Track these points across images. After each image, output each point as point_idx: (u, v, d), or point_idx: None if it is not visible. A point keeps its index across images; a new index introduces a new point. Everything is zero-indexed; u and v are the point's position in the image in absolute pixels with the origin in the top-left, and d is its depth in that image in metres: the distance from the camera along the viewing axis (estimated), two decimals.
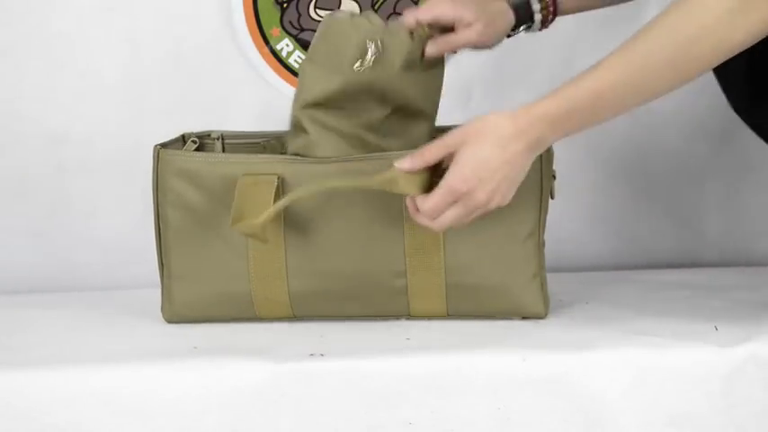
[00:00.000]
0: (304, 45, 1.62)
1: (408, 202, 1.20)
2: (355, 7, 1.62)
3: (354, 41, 1.24)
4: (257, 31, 1.61)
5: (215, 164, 1.27)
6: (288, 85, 1.62)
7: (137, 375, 1.13)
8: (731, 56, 1.12)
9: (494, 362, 1.14)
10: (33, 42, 1.59)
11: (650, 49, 1.12)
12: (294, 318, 1.29)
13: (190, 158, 1.28)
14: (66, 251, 1.62)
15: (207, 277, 1.28)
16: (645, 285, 1.47)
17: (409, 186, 1.18)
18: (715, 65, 1.13)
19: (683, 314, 1.28)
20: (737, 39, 1.11)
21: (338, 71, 1.25)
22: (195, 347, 1.20)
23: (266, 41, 1.61)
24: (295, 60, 1.62)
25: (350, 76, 1.24)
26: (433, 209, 1.17)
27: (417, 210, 1.19)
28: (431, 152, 1.18)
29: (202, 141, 1.37)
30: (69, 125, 1.61)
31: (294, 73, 1.62)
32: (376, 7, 1.61)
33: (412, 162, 1.18)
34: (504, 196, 1.17)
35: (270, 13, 1.61)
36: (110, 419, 1.11)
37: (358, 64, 1.23)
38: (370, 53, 1.24)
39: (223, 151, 1.37)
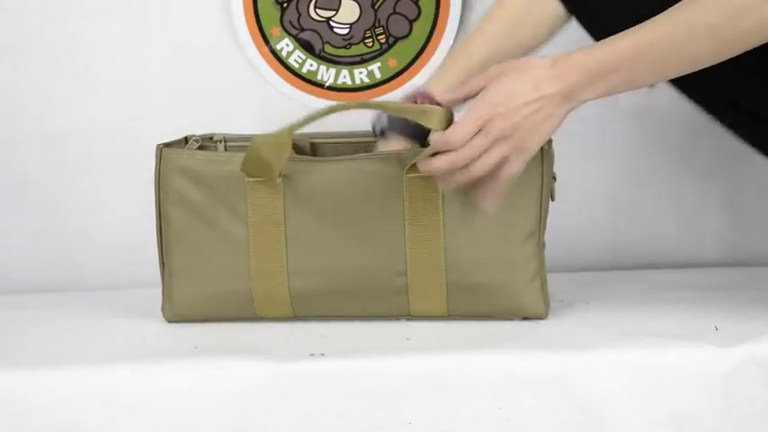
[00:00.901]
0: (304, 45, 1.62)
1: (421, 161, 1.20)
2: (355, 7, 1.61)
3: None
4: (257, 30, 1.61)
5: (217, 162, 1.27)
6: (288, 84, 1.62)
7: (137, 375, 1.13)
8: None
9: (494, 362, 1.14)
10: (33, 42, 1.59)
11: (697, 14, 1.11)
12: (294, 317, 1.29)
13: (192, 157, 1.28)
14: (66, 251, 1.62)
15: (208, 276, 1.28)
16: (645, 285, 1.47)
17: (441, 124, 1.19)
18: (758, 44, 1.11)
19: (683, 314, 1.28)
20: None
21: None
22: (195, 347, 1.20)
23: (266, 41, 1.61)
24: (295, 60, 1.62)
25: None
26: (459, 137, 1.16)
27: (432, 158, 1.19)
28: (471, 83, 1.19)
29: (205, 144, 1.37)
30: (69, 125, 1.61)
31: (294, 73, 1.62)
32: (376, 7, 1.61)
33: (455, 93, 1.20)
34: (525, 141, 1.16)
35: (270, 12, 1.61)
36: (110, 419, 1.11)
37: None
38: None
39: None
